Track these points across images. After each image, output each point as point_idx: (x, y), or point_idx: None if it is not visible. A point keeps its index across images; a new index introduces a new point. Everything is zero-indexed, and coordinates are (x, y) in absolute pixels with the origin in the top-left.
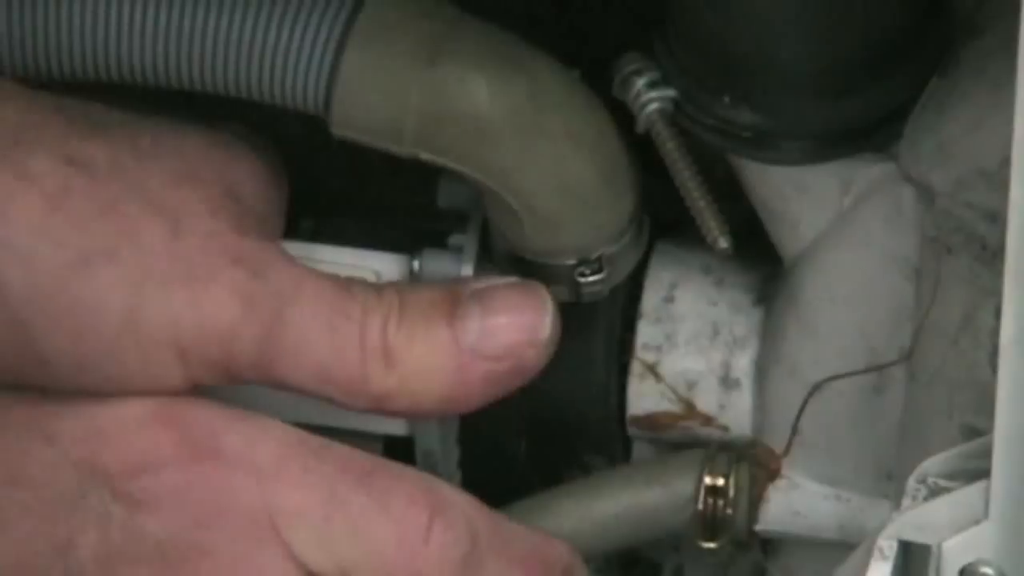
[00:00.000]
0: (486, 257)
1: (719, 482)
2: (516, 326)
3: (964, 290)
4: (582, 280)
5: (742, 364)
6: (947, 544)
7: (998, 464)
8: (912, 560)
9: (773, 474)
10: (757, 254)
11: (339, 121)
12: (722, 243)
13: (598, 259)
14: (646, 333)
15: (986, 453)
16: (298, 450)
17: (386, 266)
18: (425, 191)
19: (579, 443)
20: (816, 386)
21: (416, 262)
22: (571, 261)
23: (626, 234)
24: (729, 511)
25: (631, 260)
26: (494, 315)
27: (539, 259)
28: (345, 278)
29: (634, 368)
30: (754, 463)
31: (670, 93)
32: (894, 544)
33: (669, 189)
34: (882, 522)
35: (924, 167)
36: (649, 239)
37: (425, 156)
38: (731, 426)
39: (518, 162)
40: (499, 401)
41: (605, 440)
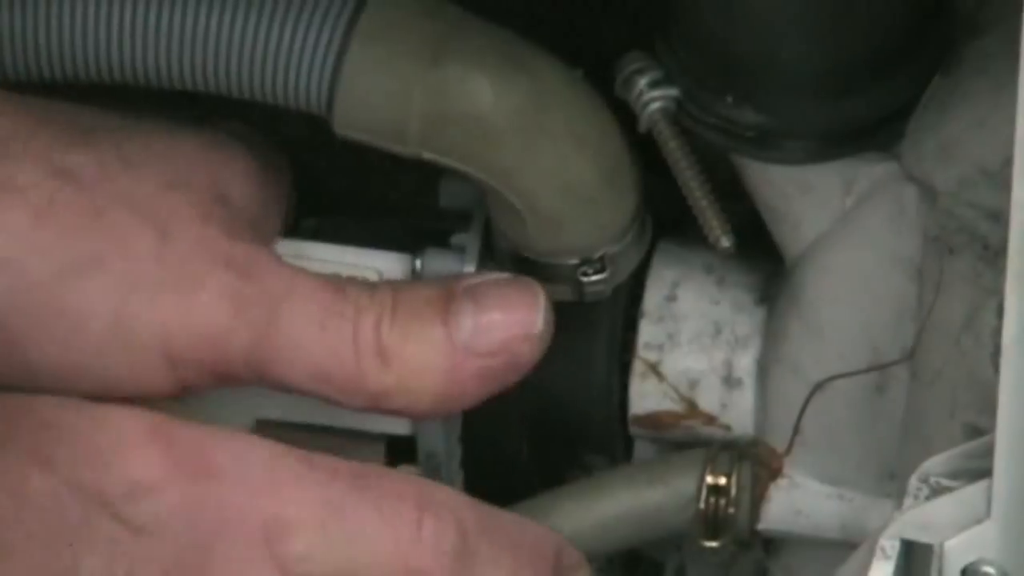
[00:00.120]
0: (488, 256)
1: (721, 481)
2: (509, 322)
3: (966, 290)
4: (584, 280)
5: (744, 363)
6: (949, 544)
7: (1000, 463)
8: (914, 559)
9: (775, 473)
10: (759, 253)
11: (342, 121)
12: (724, 242)
13: (600, 259)
14: (648, 332)
15: (988, 452)
16: (287, 461)
17: (388, 265)
18: (427, 190)
19: (581, 443)
20: (818, 385)
21: (418, 261)
22: (574, 261)
23: (629, 233)
24: (731, 510)
25: (633, 259)
26: (487, 311)
27: (541, 259)
28: (339, 277)
29: (636, 367)
30: (756, 462)
31: (672, 92)
32: (896, 543)
33: (671, 188)
34: (884, 521)
35: (926, 166)
36: (651, 238)
37: (428, 156)
38: (733, 425)
39: (521, 162)
40: (500, 401)
41: (607, 440)
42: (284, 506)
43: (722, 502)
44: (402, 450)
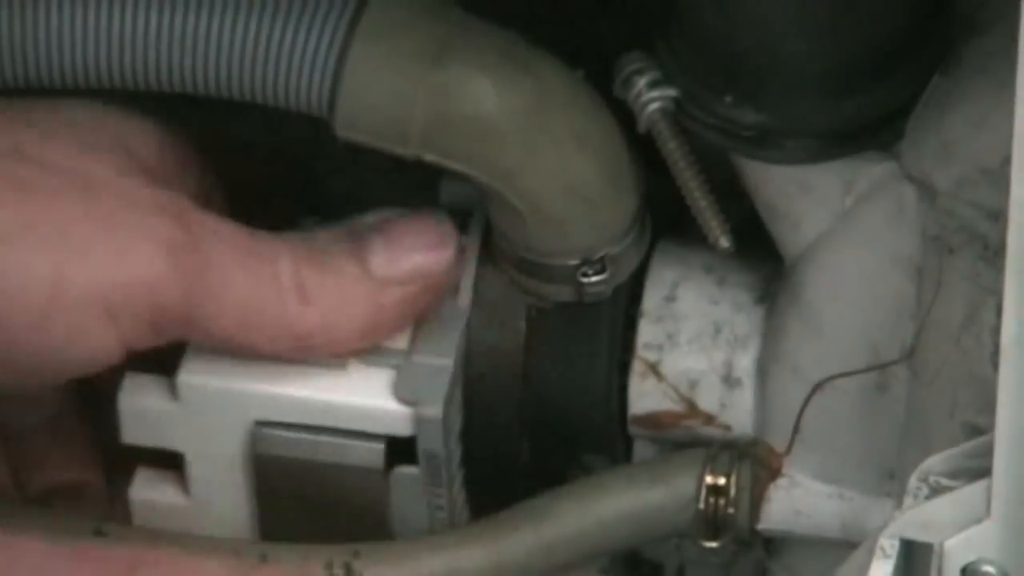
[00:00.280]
0: (488, 256)
1: (721, 481)
2: (419, 246)
3: (966, 289)
4: (585, 280)
5: (744, 363)
6: (949, 543)
7: (1000, 463)
8: (914, 559)
9: (775, 473)
10: (759, 253)
11: (344, 123)
12: (724, 242)
13: (601, 259)
14: (648, 332)
15: (988, 452)
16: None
17: None
18: (427, 191)
19: (580, 443)
20: (818, 385)
21: None
22: (574, 261)
23: (629, 234)
24: (731, 510)
25: (634, 260)
26: (397, 240)
27: (542, 259)
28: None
29: (636, 367)
30: (756, 462)
31: (671, 92)
32: (896, 543)
33: (670, 188)
34: (884, 521)
35: (926, 166)
36: (651, 238)
37: (430, 157)
38: (733, 425)
39: (523, 163)
40: (500, 402)
41: (607, 440)
42: None
43: (722, 502)
44: (402, 450)
